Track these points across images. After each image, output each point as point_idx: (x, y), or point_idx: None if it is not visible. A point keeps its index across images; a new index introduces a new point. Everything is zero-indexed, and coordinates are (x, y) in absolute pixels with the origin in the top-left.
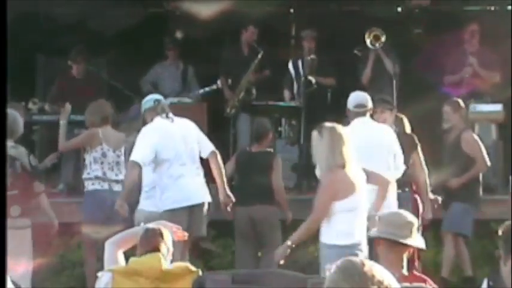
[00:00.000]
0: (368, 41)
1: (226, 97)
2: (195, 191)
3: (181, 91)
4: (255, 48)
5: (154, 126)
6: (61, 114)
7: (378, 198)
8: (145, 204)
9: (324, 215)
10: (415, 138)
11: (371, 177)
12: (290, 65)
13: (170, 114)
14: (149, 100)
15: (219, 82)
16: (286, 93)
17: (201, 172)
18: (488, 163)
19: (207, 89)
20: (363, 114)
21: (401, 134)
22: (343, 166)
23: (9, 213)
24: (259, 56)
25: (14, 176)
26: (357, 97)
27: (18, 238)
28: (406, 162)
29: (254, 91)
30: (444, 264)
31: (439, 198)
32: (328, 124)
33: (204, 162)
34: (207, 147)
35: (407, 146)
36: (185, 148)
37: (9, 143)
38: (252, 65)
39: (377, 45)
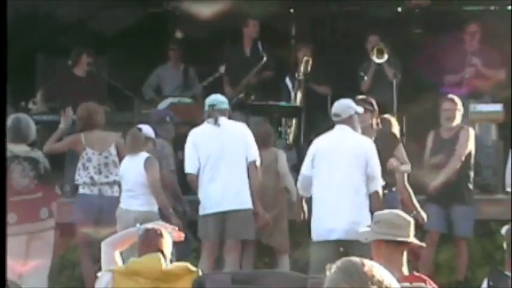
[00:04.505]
0: (374, 57)
1: (226, 94)
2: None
3: (183, 91)
4: (258, 49)
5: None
6: (62, 118)
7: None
8: None
9: None
10: (397, 136)
11: None
12: (287, 80)
13: (220, 119)
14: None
15: (221, 69)
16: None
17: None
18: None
19: (210, 79)
20: (340, 122)
21: (385, 133)
22: None
23: (39, 216)
24: (263, 61)
25: (39, 178)
26: (335, 106)
27: (45, 239)
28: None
29: (253, 97)
30: (460, 268)
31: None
32: None
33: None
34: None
35: (390, 144)
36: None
37: (25, 148)
38: (254, 69)
39: (382, 59)
